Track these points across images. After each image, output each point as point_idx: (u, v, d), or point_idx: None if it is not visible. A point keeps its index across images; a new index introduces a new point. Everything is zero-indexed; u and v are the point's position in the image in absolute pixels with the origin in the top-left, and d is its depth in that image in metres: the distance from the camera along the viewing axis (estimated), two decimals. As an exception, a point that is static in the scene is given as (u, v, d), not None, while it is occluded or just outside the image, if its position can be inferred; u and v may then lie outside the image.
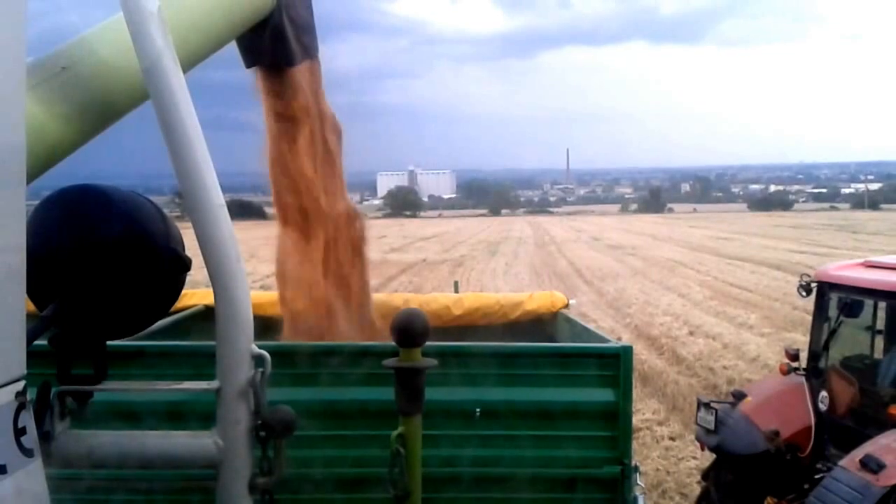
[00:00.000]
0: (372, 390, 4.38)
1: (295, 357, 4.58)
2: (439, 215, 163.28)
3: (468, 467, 4.65)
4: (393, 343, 3.64)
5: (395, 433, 3.55)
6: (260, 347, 2.91)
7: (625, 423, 4.83)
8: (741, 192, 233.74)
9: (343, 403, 4.66)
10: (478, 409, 4.69)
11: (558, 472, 4.78)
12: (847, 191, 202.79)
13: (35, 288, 2.53)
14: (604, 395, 4.82)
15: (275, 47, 5.39)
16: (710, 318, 25.69)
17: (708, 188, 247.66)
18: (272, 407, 2.89)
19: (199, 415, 3.27)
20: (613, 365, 4.82)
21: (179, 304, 6.29)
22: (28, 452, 2.28)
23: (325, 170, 6.07)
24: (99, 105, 3.53)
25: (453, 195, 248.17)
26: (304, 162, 5.87)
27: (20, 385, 2.26)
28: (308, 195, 5.96)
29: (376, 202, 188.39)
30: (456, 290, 10.08)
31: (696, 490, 10.45)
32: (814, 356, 9.44)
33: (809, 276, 9.60)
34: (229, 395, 2.83)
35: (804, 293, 9.44)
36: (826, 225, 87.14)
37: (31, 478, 2.29)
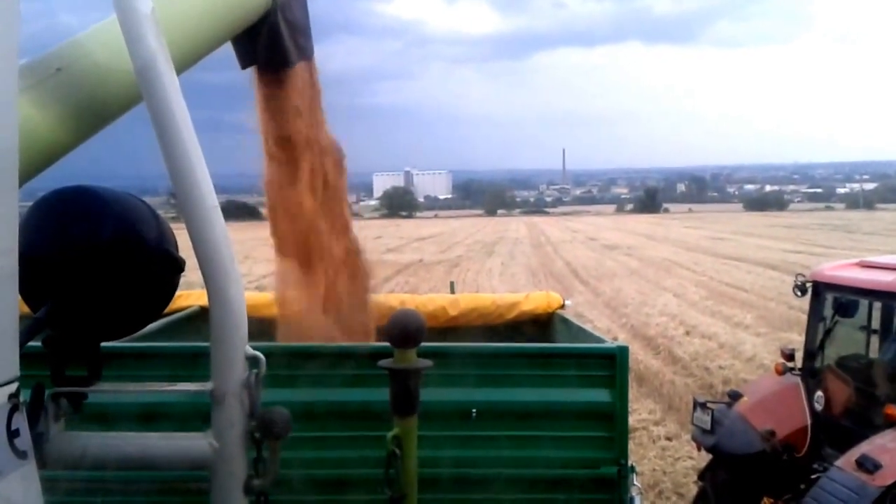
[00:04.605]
0: (368, 391, 4.37)
1: (290, 358, 4.57)
2: (435, 216, 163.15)
3: (464, 468, 4.65)
4: (388, 344, 3.64)
5: (390, 434, 3.54)
6: (254, 348, 2.91)
7: (621, 424, 4.83)
8: (737, 192, 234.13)
9: (338, 405, 4.65)
10: (474, 410, 4.69)
11: (555, 473, 4.77)
12: (842, 191, 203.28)
13: (29, 289, 2.53)
14: (600, 395, 4.81)
15: (270, 48, 5.38)
16: (706, 318, 25.70)
17: (703, 188, 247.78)
18: (267, 408, 2.88)
19: (194, 416, 3.26)
20: (610, 365, 4.82)
21: (174, 305, 6.29)
22: (22, 455, 2.27)
23: (327, 202, 5.89)
24: (93, 107, 3.52)
25: (449, 196, 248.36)
26: (304, 195, 5.72)
27: (13, 387, 2.26)
28: (309, 232, 5.80)
29: (372, 203, 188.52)
30: (452, 291, 10.08)
31: (693, 490, 10.45)
32: (809, 356, 9.46)
33: (805, 276, 9.61)
34: (224, 396, 2.82)
35: (799, 293, 9.46)
36: (821, 225, 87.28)
37: (25, 480, 2.28)
